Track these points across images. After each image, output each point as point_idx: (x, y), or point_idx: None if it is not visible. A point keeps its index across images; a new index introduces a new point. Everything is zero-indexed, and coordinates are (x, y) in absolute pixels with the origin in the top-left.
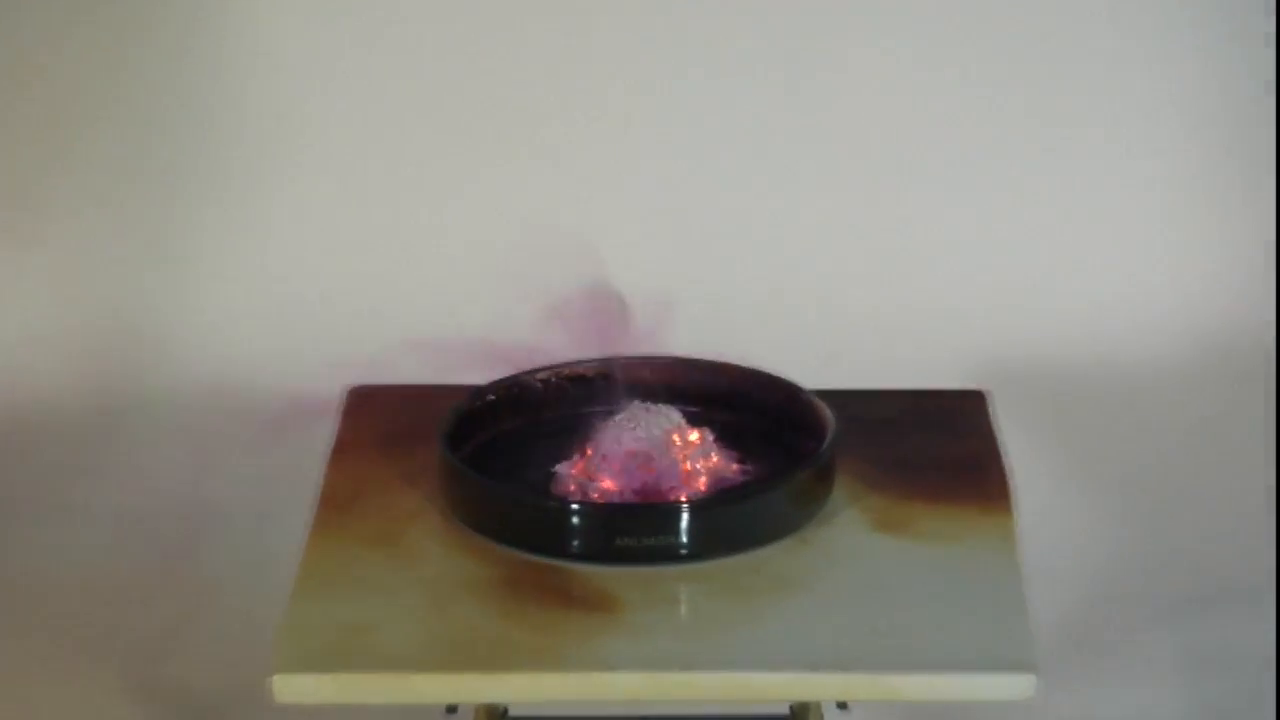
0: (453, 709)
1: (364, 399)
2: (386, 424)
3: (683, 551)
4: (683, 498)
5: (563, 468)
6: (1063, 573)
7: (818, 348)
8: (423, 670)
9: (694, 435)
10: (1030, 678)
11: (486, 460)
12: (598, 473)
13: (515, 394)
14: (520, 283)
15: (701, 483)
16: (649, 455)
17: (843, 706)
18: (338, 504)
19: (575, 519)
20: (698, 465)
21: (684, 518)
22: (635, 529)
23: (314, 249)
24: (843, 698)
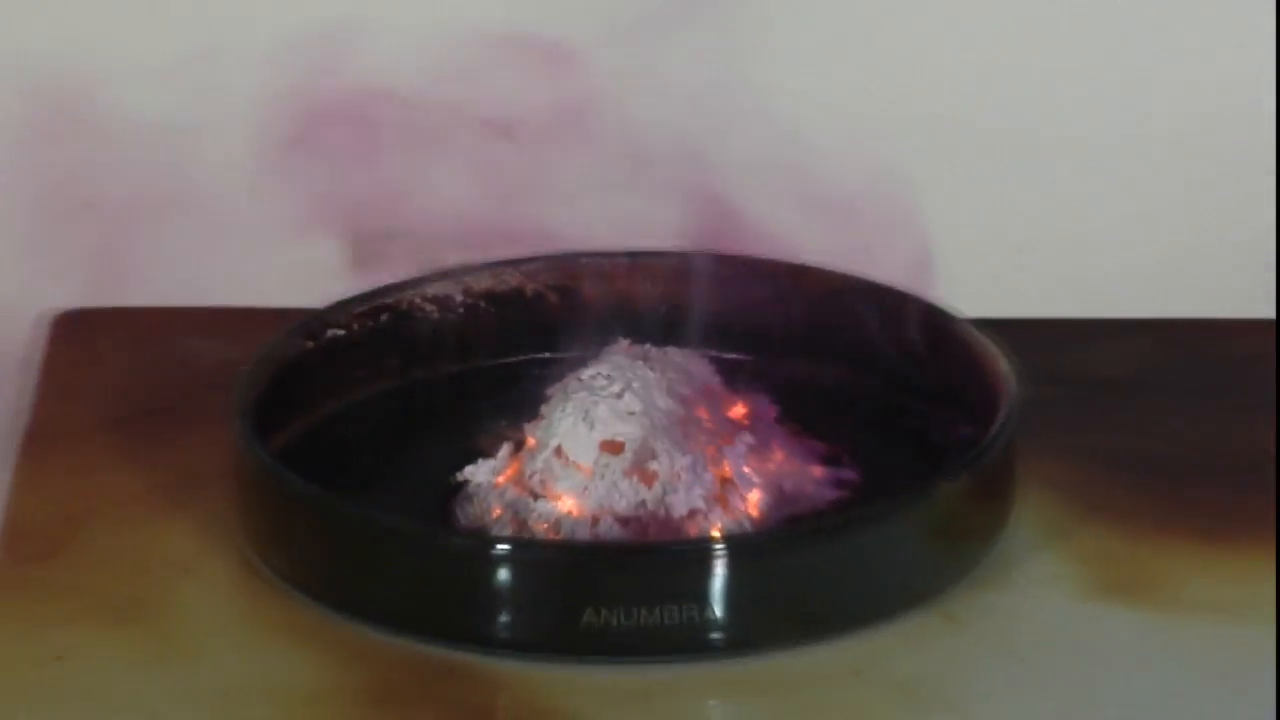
0: None
1: (81, 331)
2: (123, 385)
3: (714, 637)
4: (714, 532)
5: (478, 473)
6: None
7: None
8: None
9: (739, 408)
10: None
11: (327, 457)
12: (548, 484)
13: (384, 326)
14: None
15: (751, 504)
16: (646, 451)
17: None
18: (31, 548)
19: (504, 575)
20: (744, 469)
21: (716, 573)
22: (621, 593)
23: None
24: None
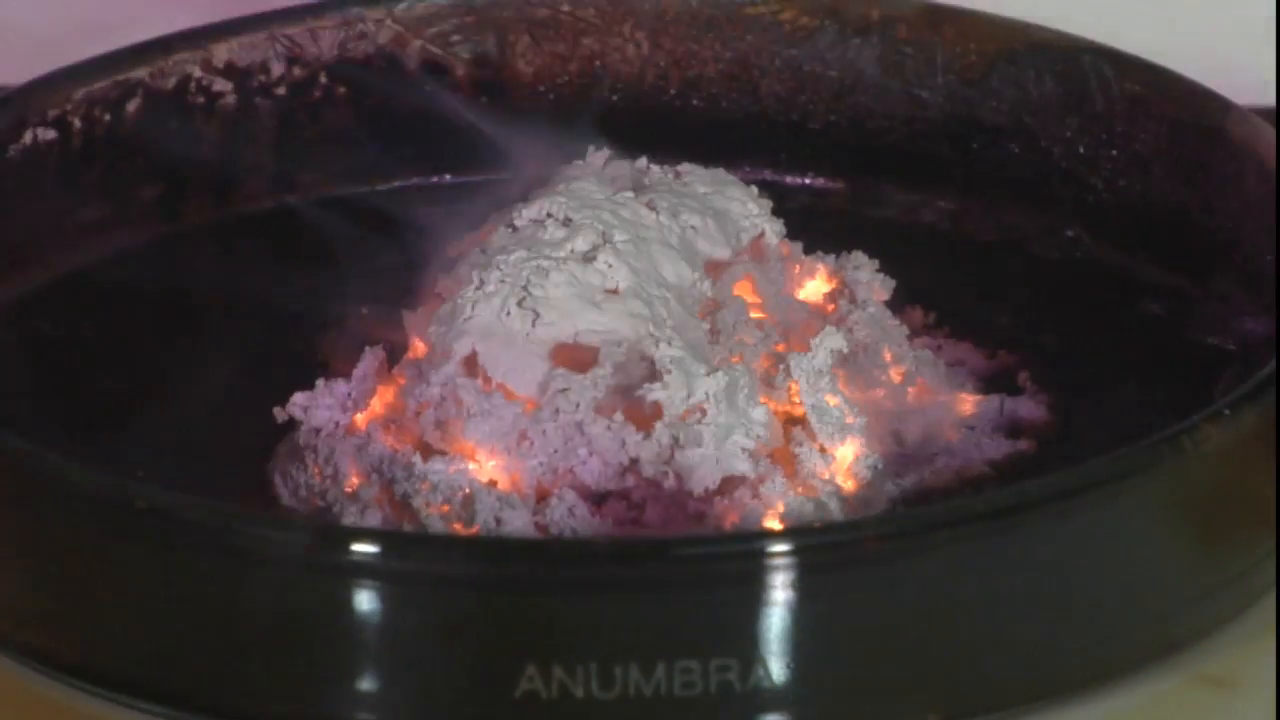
0: None
1: None
2: None
3: None
4: (769, 521)
5: (316, 406)
6: None
7: None
8: None
9: (820, 282)
10: None
11: (39, 365)
12: (450, 428)
13: (135, 123)
14: None
15: (841, 467)
16: (639, 365)
17: None
18: None
19: (367, 604)
20: (829, 398)
21: (773, 601)
22: (591, 639)
23: None
24: None
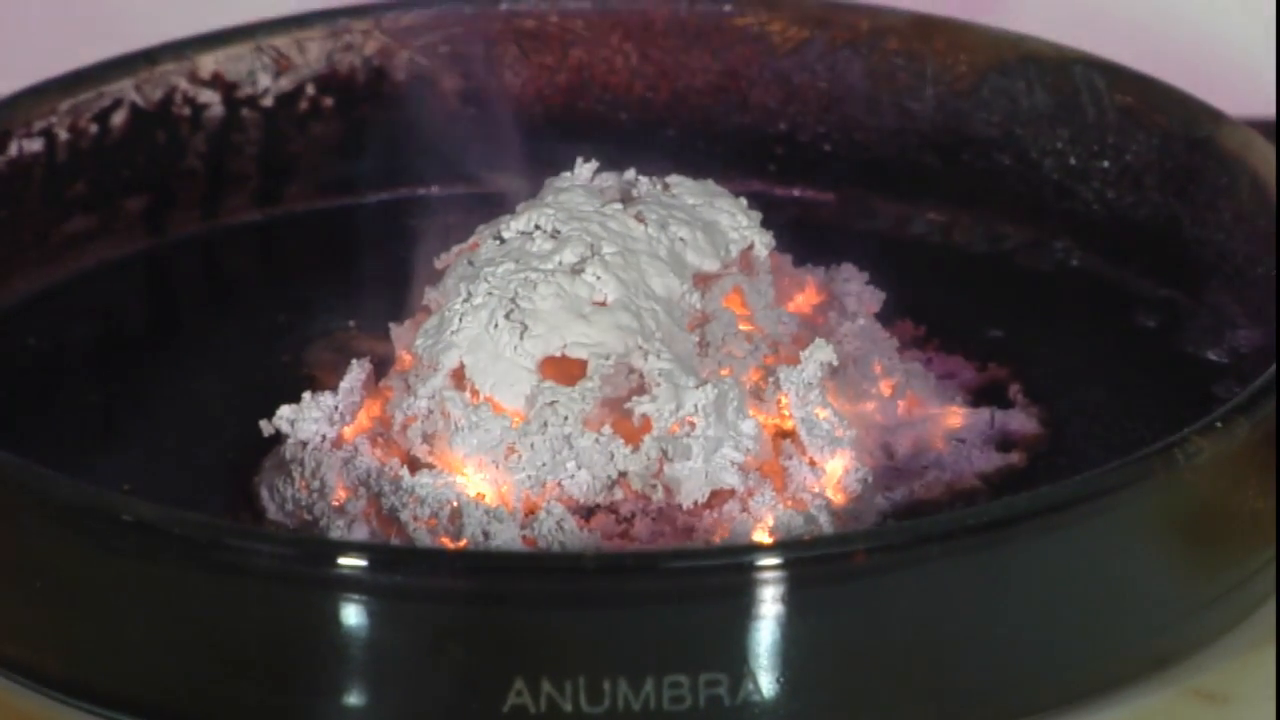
0: None
1: None
2: None
3: None
4: (759, 534)
5: (303, 419)
6: None
7: None
8: None
9: (811, 294)
10: None
11: (22, 374)
12: (438, 441)
13: (118, 135)
14: None
15: (832, 480)
16: (628, 378)
17: None
18: None
19: (354, 619)
20: (820, 410)
21: (762, 615)
22: (579, 654)
23: None
24: None
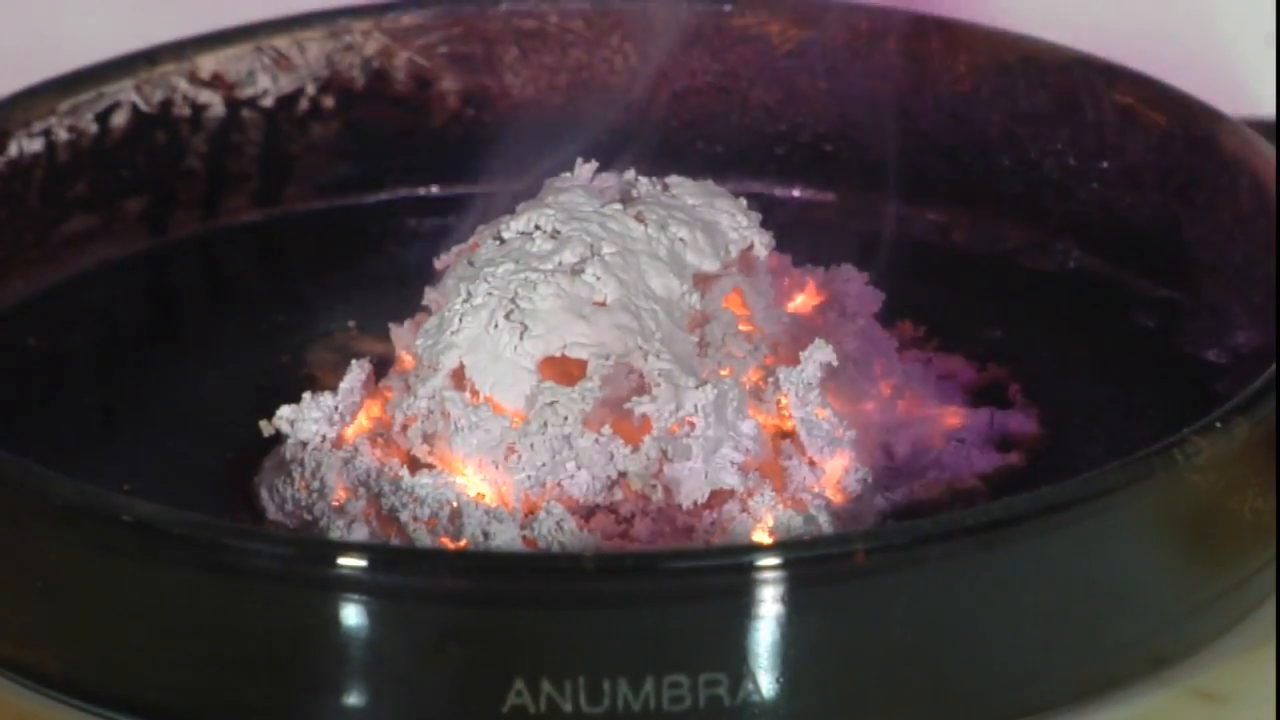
0: None
1: None
2: None
3: None
4: (758, 534)
5: (302, 420)
6: None
7: None
8: None
9: (809, 295)
10: None
11: (22, 375)
12: (438, 441)
13: (119, 137)
14: None
15: (830, 480)
16: (627, 378)
17: None
18: None
19: (354, 618)
20: (819, 411)
21: (762, 616)
22: (579, 654)
23: None
24: None
